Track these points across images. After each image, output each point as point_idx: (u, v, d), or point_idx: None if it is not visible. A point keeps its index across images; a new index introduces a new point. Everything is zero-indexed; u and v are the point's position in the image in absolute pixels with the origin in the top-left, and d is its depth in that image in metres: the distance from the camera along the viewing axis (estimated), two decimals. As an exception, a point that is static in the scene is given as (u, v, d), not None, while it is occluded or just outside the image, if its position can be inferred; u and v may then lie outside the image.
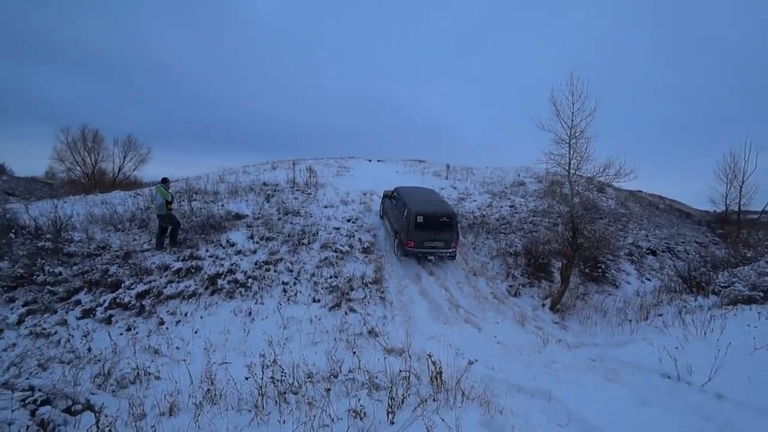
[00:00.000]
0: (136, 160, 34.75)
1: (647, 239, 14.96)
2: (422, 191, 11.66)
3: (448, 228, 9.87)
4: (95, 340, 6.20)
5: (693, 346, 5.84)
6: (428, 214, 9.74)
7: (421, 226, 9.60)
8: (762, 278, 8.68)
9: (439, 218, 9.79)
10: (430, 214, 9.76)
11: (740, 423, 4.05)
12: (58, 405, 3.95)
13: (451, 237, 9.94)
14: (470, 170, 19.56)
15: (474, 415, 3.73)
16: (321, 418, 3.52)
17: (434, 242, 9.80)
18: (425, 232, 9.64)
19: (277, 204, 11.75)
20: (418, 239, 9.65)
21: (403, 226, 9.96)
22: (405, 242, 9.71)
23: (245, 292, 7.84)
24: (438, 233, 9.76)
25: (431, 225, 9.68)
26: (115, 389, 4.89)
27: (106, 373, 5.01)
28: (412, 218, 9.57)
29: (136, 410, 4.09)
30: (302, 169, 15.35)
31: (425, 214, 9.68)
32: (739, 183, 18.54)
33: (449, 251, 10.06)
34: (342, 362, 5.11)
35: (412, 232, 9.58)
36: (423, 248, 9.76)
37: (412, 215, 9.61)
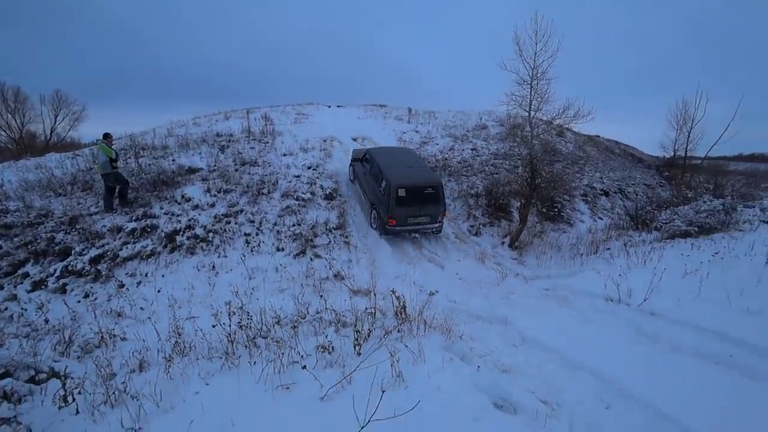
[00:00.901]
0: (70, 119, 30.90)
1: (601, 181, 15.73)
2: (399, 153, 10.36)
3: (435, 200, 8.63)
4: (51, 311, 5.94)
5: (634, 274, 6.43)
6: (411, 186, 8.47)
7: (404, 201, 8.34)
8: (698, 215, 9.57)
9: (423, 190, 8.53)
10: (414, 186, 8.49)
11: (667, 335, 4.59)
12: (20, 376, 3.81)
13: (438, 210, 8.73)
14: (433, 114, 19.36)
15: (436, 341, 3.99)
16: (290, 356, 3.64)
17: (419, 218, 8.61)
18: (408, 207, 8.41)
19: (233, 155, 11.27)
20: (400, 216, 8.43)
21: (381, 200, 8.67)
22: (386, 220, 8.44)
23: (206, 246, 7.69)
24: (423, 207, 8.54)
25: (415, 198, 8.44)
26: (80, 355, 4.79)
27: (68, 340, 4.87)
28: (393, 192, 8.27)
29: (104, 371, 4.03)
30: (257, 117, 14.57)
31: (407, 186, 8.41)
32: (688, 129, 19.36)
33: (435, 226, 8.96)
34: (309, 305, 5.23)
35: (393, 208, 8.31)
36: (406, 225, 8.60)
37: (392, 188, 8.30)
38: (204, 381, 3.66)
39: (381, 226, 8.79)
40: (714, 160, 21.15)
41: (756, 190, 15.30)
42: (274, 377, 3.36)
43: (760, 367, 3.87)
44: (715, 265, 6.49)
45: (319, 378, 3.16)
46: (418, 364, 3.49)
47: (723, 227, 9.27)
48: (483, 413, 2.92)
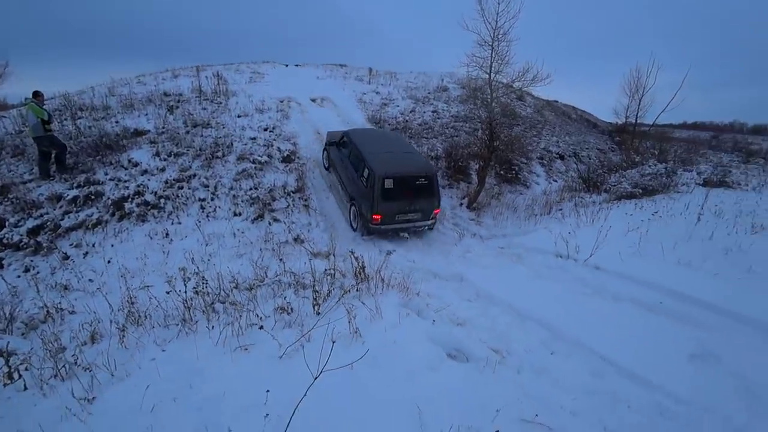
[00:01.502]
0: None
1: (557, 145, 16.22)
2: (383, 136, 9.21)
3: (428, 192, 7.35)
4: (-14, 288, 5.54)
5: (582, 232, 6.83)
6: (400, 176, 7.14)
7: (391, 194, 7.03)
8: (643, 178, 10.35)
9: (414, 180, 7.25)
10: (403, 176, 7.17)
11: (609, 286, 4.98)
12: (-43, 356, 3.59)
13: (432, 204, 7.46)
14: (394, 75, 18.97)
15: (393, 299, 4.11)
16: (248, 318, 3.63)
17: (409, 214, 7.34)
18: (397, 202, 7.12)
19: (184, 116, 10.57)
20: (387, 212, 7.11)
21: (363, 193, 7.29)
22: (369, 218, 7.08)
23: (158, 213, 7.33)
24: (414, 201, 7.25)
25: (404, 190, 7.14)
26: (24, 331, 4.51)
27: (9, 316, 4.57)
28: (378, 183, 6.95)
29: (52, 346, 3.85)
30: (209, 76, 13.64)
31: (396, 177, 7.08)
32: (639, 97, 20.04)
33: (428, 223, 7.71)
34: (268, 268, 5.20)
35: (379, 203, 6.99)
36: (394, 223, 7.32)
37: (377, 179, 6.96)
38: (160, 348, 3.62)
39: (363, 225, 7.44)
40: (661, 127, 22.34)
41: (695, 156, 16.54)
42: (233, 340, 3.36)
43: (683, 310, 4.31)
44: (654, 223, 7.06)
45: (278, 338, 3.19)
46: (376, 320, 3.59)
47: (664, 189, 10.02)
48: (437, 363, 3.08)
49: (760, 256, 5.51)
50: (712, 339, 3.73)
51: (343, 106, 13.64)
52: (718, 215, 7.26)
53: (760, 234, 6.39)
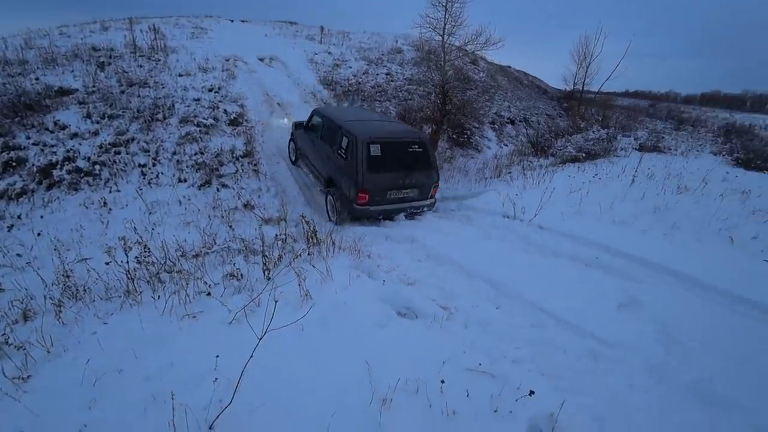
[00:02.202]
0: None
1: (509, 110, 16.58)
2: (357, 109, 8.26)
3: (424, 163, 6.23)
4: None
5: (528, 193, 7.17)
6: (388, 141, 6.00)
7: (380, 164, 5.80)
8: (587, 143, 11.00)
9: (406, 147, 6.12)
10: (392, 142, 6.05)
11: (551, 244, 5.30)
12: None
13: (430, 178, 6.35)
14: (346, 35, 18.33)
15: (344, 261, 4.16)
16: (197, 286, 3.54)
17: (404, 190, 6.14)
18: (387, 174, 5.92)
19: (117, 74, 9.67)
20: (376, 188, 5.85)
21: (343, 169, 6.06)
22: (353, 197, 5.79)
23: (93, 181, 6.81)
24: (408, 174, 6.07)
25: (395, 160, 5.98)
26: (-58, 315, 4.16)
27: None
28: (362, 151, 5.70)
29: None
30: (144, 29, 12.47)
31: (384, 142, 5.91)
32: (586, 64, 20.74)
33: (427, 203, 6.55)
34: (216, 235, 5.05)
35: (365, 174, 5.70)
36: (386, 203, 6.08)
37: (360, 145, 5.71)
38: (102, 321, 3.45)
39: (345, 208, 6.13)
40: (605, 94, 23.46)
41: (634, 122, 17.62)
42: (180, 308, 3.27)
43: (615, 264, 4.71)
44: (594, 185, 7.56)
45: (227, 304, 3.14)
46: (326, 283, 3.62)
47: (605, 153, 10.72)
48: (387, 321, 3.19)
49: (683, 214, 6.09)
50: (639, 289, 4.11)
51: (294, 66, 13.06)
52: (650, 177, 7.91)
53: (685, 194, 7.04)
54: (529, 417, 2.35)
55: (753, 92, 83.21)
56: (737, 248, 5.17)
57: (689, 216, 6.03)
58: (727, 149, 12.59)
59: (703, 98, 76.14)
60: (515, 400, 2.39)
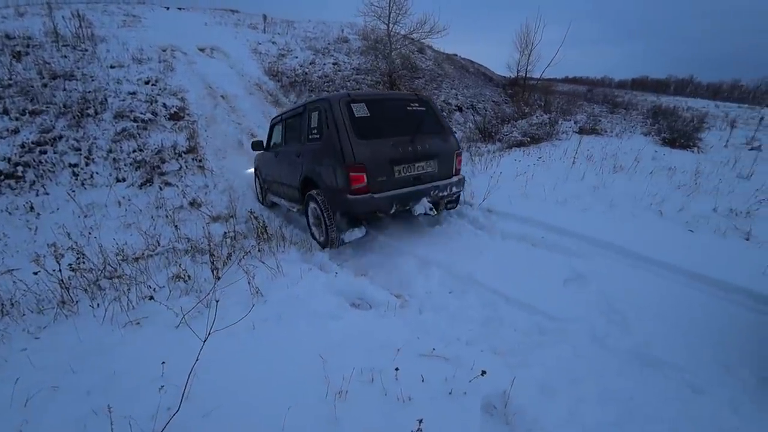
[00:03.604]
0: None
1: (456, 98, 16.84)
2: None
3: (433, 124, 4.80)
4: None
5: (477, 179, 7.36)
6: (374, 98, 4.51)
7: (371, 127, 4.18)
8: (531, 128, 11.48)
9: (404, 106, 4.66)
10: (380, 99, 4.61)
11: (499, 226, 5.46)
12: None
13: (448, 143, 4.84)
14: (291, 24, 17.78)
15: (295, 256, 4.11)
16: (140, 291, 3.36)
17: (418, 163, 4.44)
18: (386, 140, 4.23)
19: (37, 65, 8.81)
20: (375, 162, 4.09)
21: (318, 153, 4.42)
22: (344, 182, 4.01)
23: (17, 183, 6.22)
24: (416, 139, 4.40)
25: (393, 121, 4.43)
26: None
27: None
28: (342, 112, 4.10)
29: None
30: (67, 16, 11.41)
31: (368, 99, 4.38)
32: (528, 52, 21.45)
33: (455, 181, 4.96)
34: (160, 236, 4.79)
35: (354, 143, 3.99)
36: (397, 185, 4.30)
37: (336, 107, 4.13)
38: (33, 336, 3.19)
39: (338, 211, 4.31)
40: (546, 81, 24.43)
41: (574, 107, 18.56)
42: (122, 315, 3.10)
43: (560, 242, 4.95)
44: (539, 167, 7.93)
45: (173, 307, 3.01)
46: (277, 278, 3.56)
47: (548, 137, 11.23)
48: (340, 312, 3.19)
49: (619, 192, 6.52)
50: (583, 264, 4.31)
51: (237, 56, 12.54)
52: (589, 159, 8.40)
53: (620, 173, 7.54)
54: (483, 396, 2.44)
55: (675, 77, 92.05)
56: (666, 220, 5.59)
57: (624, 193, 6.45)
58: (656, 130, 13.57)
59: (634, 83, 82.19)
60: (468, 381, 2.47)
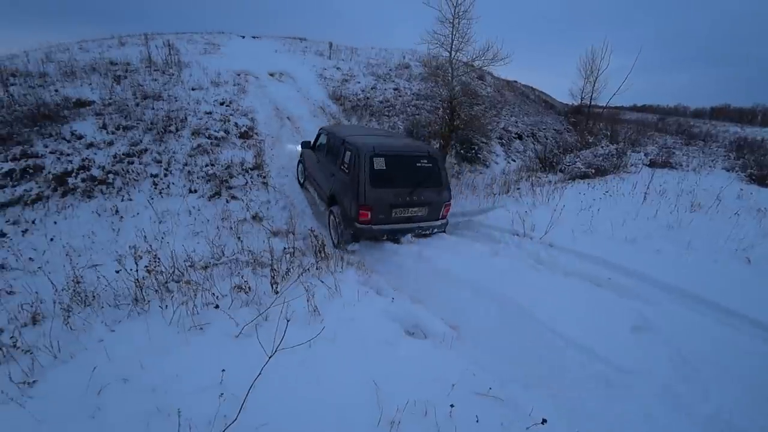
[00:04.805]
0: None
1: (516, 125, 16.58)
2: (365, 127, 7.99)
3: (433, 179, 5.80)
4: None
5: (538, 211, 7.08)
6: (394, 153, 5.56)
7: (384, 179, 5.36)
8: (596, 159, 10.87)
9: (415, 162, 5.66)
10: (398, 155, 5.62)
11: (561, 263, 5.22)
12: None
13: (440, 196, 5.89)
14: (354, 50, 18.59)
15: (352, 277, 4.14)
16: (204, 297, 3.54)
17: (411, 208, 5.65)
18: (392, 190, 5.45)
19: (132, 87, 9.92)
20: (380, 205, 5.36)
21: (345, 185, 5.62)
22: (354, 215, 5.31)
23: (107, 189, 6.91)
24: (415, 190, 5.58)
25: (401, 174, 5.52)
26: (-46, 315, 4.21)
27: (-64, 301, 4.24)
28: (365, 164, 5.26)
29: None
30: (159, 45, 12.80)
31: (389, 155, 5.45)
32: (593, 79, 20.71)
33: (437, 224, 6.07)
34: (225, 246, 5.06)
35: (368, 189, 5.24)
36: (391, 222, 5.59)
37: (363, 158, 5.29)
38: (109, 328, 3.45)
39: (347, 228, 5.64)
40: (612, 109, 23.33)
41: (643, 137, 17.47)
42: (187, 319, 3.27)
43: (628, 285, 4.60)
44: (605, 202, 7.48)
45: (234, 317, 3.13)
46: (334, 298, 3.60)
47: (614, 169, 10.60)
48: (395, 339, 3.14)
49: (698, 232, 5.96)
50: (653, 311, 3.97)
51: (303, 81, 13.28)
52: (661, 194, 7.79)
53: (699, 212, 6.91)
54: (542, 447, 2.28)
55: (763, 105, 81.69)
56: (754, 269, 5.02)
57: (704, 235, 5.90)
58: (740, 165, 12.34)
59: (714, 112, 74.92)
60: (526, 429, 2.32)
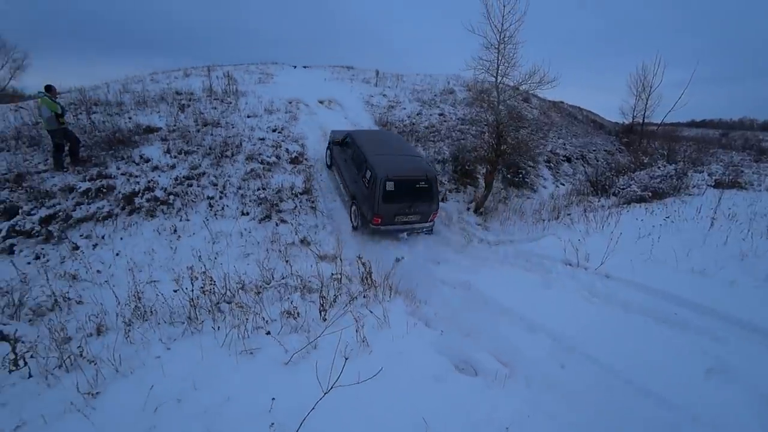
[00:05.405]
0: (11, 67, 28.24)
1: (564, 147, 16.04)
2: (385, 138, 9.31)
3: (427, 196, 7.53)
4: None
5: (592, 238, 6.67)
6: (401, 178, 7.31)
7: (392, 196, 7.20)
8: (652, 181, 10.01)
9: (415, 183, 7.44)
10: (404, 179, 7.35)
11: (619, 296, 4.83)
12: (-34, 338, 3.63)
13: (430, 208, 7.63)
14: (400, 77, 18.91)
15: (401, 307, 4.08)
16: (255, 321, 3.62)
17: (408, 216, 7.52)
18: (397, 204, 7.27)
19: (194, 114, 10.67)
20: (387, 213, 7.28)
21: (365, 194, 7.46)
22: (370, 218, 7.32)
23: (167, 209, 7.38)
24: (413, 203, 7.41)
25: (405, 193, 7.33)
26: (31, 318, 4.56)
27: (17, 303, 4.63)
28: (380, 185, 7.10)
29: (58, 335, 3.85)
30: (219, 76, 13.75)
31: (397, 179, 7.24)
32: (646, 96, 19.61)
33: (426, 226, 7.94)
34: (274, 270, 5.18)
35: (380, 204, 7.13)
36: (393, 224, 7.52)
37: (379, 181, 7.10)
38: (165, 346, 3.60)
39: (363, 225, 7.70)
40: (669, 126, 21.86)
41: (705, 155, 16.04)
42: (238, 342, 3.34)
43: (697, 322, 4.14)
44: (666, 228, 6.82)
45: (284, 343, 3.16)
46: (383, 329, 3.56)
47: (674, 192, 9.71)
48: (444, 375, 3.03)
49: (778, 262, 5.31)
50: (729, 352, 3.57)
51: (351, 108, 13.67)
52: (731, 219, 6.98)
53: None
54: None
55: None
56: None
57: (786, 265, 5.25)
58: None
59: (788, 125, 66.16)
60: (588, 481, 2.13)
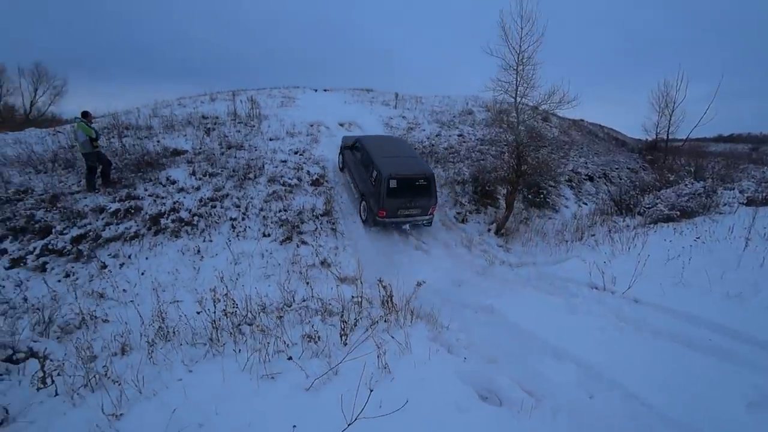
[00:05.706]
0: (51, 93, 30.28)
1: (586, 166, 15.81)
2: (390, 142, 10.28)
3: (426, 192, 8.57)
4: (30, 289, 5.78)
5: (618, 260, 6.44)
6: (403, 176, 8.37)
7: (395, 192, 8.25)
8: (680, 199, 9.56)
9: (415, 181, 8.48)
10: (405, 177, 8.40)
11: (649, 321, 4.62)
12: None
13: (429, 202, 8.67)
14: (419, 99, 19.15)
15: (422, 332, 4.00)
16: (276, 344, 3.61)
17: (410, 209, 8.53)
18: (399, 199, 8.33)
19: (219, 138, 11.03)
20: (391, 207, 8.32)
21: (372, 191, 8.54)
22: (376, 212, 8.32)
23: (192, 230, 7.56)
24: (414, 199, 8.47)
25: (406, 189, 8.37)
26: (59, 335, 4.70)
27: (47, 320, 4.77)
28: (384, 183, 8.14)
29: (84, 353, 3.93)
30: (243, 100, 14.27)
31: (399, 177, 8.31)
32: (669, 112, 19.22)
33: (426, 218, 8.93)
34: (295, 292, 5.19)
35: (385, 199, 8.18)
36: (397, 217, 8.49)
37: (383, 179, 8.16)
38: (188, 368, 3.62)
39: (371, 218, 8.62)
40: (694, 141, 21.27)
41: (735, 171, 15.33)
42: (259, 366, 3.34)
43: (735, 350, 3.91)
44: (697, 249, 6.49)
45: (305, 368, 3.14)
46: (405, 355, 3.49)
47: (704, 210, 9.24)
48: (468, 405, 2.94)
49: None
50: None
51: (371, 130, 13.86)
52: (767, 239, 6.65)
53: (820, 259, 5.79)
54: None
55: None
56: None
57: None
58: None
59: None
60: None
